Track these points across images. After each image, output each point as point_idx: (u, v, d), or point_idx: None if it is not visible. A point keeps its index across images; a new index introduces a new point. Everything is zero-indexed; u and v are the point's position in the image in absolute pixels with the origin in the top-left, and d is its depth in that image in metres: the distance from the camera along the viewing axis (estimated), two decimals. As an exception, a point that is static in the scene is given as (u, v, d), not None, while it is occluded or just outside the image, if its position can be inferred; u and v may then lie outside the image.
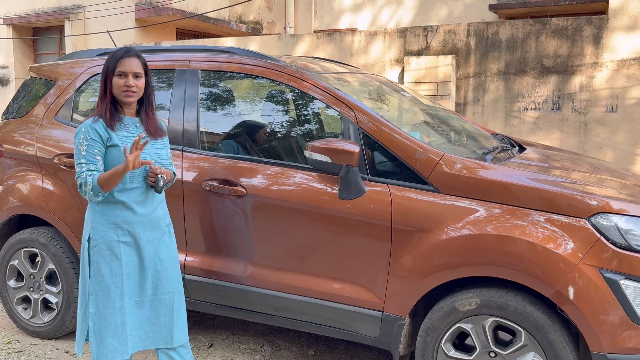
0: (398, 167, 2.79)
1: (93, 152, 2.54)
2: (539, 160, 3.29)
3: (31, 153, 3.66)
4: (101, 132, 2.55)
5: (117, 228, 2.60)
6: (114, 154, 2.57)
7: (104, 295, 2.61)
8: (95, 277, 2.61)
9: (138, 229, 2.64)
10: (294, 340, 3.69)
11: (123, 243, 2.61)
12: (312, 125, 3.29)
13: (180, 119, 3.27)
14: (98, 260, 2.60)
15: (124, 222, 2.61)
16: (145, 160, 2.52)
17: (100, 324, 2.62)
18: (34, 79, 4.02)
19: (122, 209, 2.61)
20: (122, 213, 2.61)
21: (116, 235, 2.60)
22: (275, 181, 2.98)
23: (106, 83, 2.59)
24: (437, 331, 2.69)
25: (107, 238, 2.60)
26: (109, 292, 2.61)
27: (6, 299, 3.80)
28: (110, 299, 2.61)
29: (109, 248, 2.60)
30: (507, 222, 2.56)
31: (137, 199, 2.63)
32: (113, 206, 2.60)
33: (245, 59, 3.27)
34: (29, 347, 3.61)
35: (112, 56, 2.60)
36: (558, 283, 2.41)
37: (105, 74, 2.59)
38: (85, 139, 2.54)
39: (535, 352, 2.51)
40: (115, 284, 2.61)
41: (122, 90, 2.57)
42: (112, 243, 2.60)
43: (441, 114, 3.90)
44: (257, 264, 3.05)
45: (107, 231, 2.60)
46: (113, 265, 2.60)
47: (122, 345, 2.63)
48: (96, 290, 2.62)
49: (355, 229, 2.80)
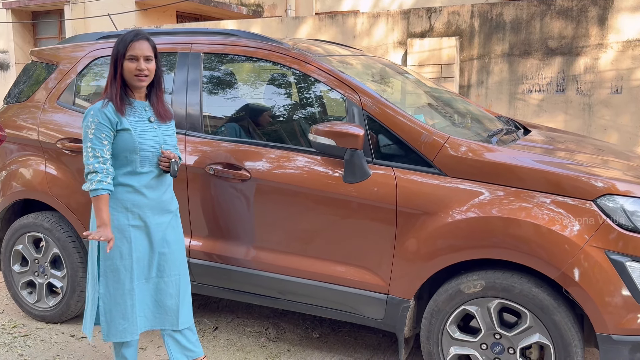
0: (403, 150, 2.78)
1: (100, 137, 2.53)
2: (543, 143, 3.27)
3: (33, 137, 3.65)
4: (110, 116, 2.54)
5: (127, 212, 2.62)
6: (124, 138, 2.57)
7: (113, 278, 2.64)
8: (105, 260, 2.64)
9: (147, 212, 2.65)
10: (298, 323, 3.70)
11: (133, 226, 2.63)
12: (316, 108, 3.27)
13: (183, 103, 3.25)
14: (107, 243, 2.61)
15: (134, 206, 2.62)
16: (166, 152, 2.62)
17: (110, 305, 2.66)
18: (35, 63, 3.99)
19: (132, 192, 2.62)
20: (132, 197, 2.62)
21: (126, 219, 2.62)
22: (279, 165, 2.97)
23: (116, 67, 2.56)
24: (442, 313, 2.70)
25: (117, 222, 2.61)
26: (119, 275, 2.64)
27: (11, 284, 3.81)
28: (120, 281, 2.64)
29: (119, 231, 2.61)
30: (513, 205, 2.55)
31: (147, 183, 2.64)
32: (123, 190, 2.61)
33: (248, 42, 3.23)
34: (34, 331, 3.62)
35: (121, 40, 2.57)
36: (564, 265, 2.41)
37: (115, 58, 2.56)
38: (93, 122, 2.53)
39: (541, 334, 2.51)
40: (124, 266, 2.63)
41: (134, 74, 2.56)
42: (122, 226, 2.62)
43: (445, 97, 3.87)
44: (262, 248, 3.05)
45: (117, 215, 2.61)
46: (123, 248, 2.62)
47: (132, 326, 2.68)
48: (106, 272, 2.65)
49: (360, 212, 2.79)
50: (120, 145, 2.56)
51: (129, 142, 2.56)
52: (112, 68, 2.58)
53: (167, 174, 2.70)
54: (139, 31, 2.64)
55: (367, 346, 3.42)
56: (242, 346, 3.41)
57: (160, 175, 2.68)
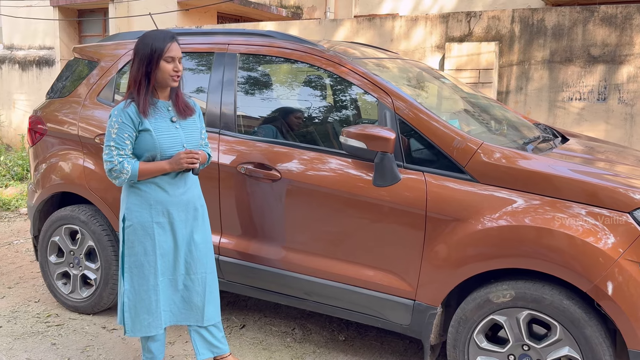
0: (434, 155, 2.75)
1: (123, 137, 2.57)
2: (581, 152, 3.19)
3: (73, 132, 3.74)
4: (133, 117, 2.57)
5: (151, 208, 2.66)
6: (145, 138, 2.60)
7: (138, 273, 2.68)
8: (129, 256, 2.68)
9: (171, 209, 2.68)
10: (325, 325, 3.70)
11: (157, 223, 2.67)
12: (349, 110, 3.26)
13: (218, 102, 3.29)
14: (132, 239, 2.67)
15: (157, 203, 2.66)
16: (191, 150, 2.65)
17: (134, 300, 2.70)
18: (77, 60, 4.10)
19: (155, 189, 2.66)
20: (155, 194, 2.66)
21: (150, 216, 2.66)
22: (310, 166, 2.98)
23: (149, 67, 2.57)
24: (470, 322, 2.66)
25: (141, 218, 2.65)
26: (143, 271, 2.68)
27: (47, 274, 3.92)
28: (144, 277, 2.68)
29: (143, 228, 2.66)
30: (547, 214, 2.49)
31: (169, 180, 2.68)
32: (147, 187, 2.65)
33: (283, 43, 3.25)
34: (67, 321, 3.72)
35: (157, 40, 2.58)
36: (597, 278, 2.34)
37: (149, 57, 2.56)
38: (117, 122, 2.57)
39: (570, 347, 2.45)
40: (148, 262, 2.67)
41: (171, 75, 2.60)
42: (146, 223, 2.66)
43: (482, 102, 3.82)
44: (290, 248, 3.07)
45: (141, 211, 2.65)
46: (146, 244, 2.66)
47: (156, 320, 2.72)
48: (131, 268, 2.69)
49: (389, 216, 2.77)
50: (142, 145, 2.61)
51: (149, 142, 2.60)
52: (144, 67, 2.58)
53: (189, 172, 2.72)
54: (172, 32, 2.69)
55: (393, 352, 3.40)
56: (267, 345, 3.43)
57: (183, 172, 2.71)
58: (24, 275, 4.55)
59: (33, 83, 10.53)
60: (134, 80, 2.61)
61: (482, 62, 5.81)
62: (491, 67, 5.78)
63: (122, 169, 2.56)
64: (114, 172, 2.58)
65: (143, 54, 2.58)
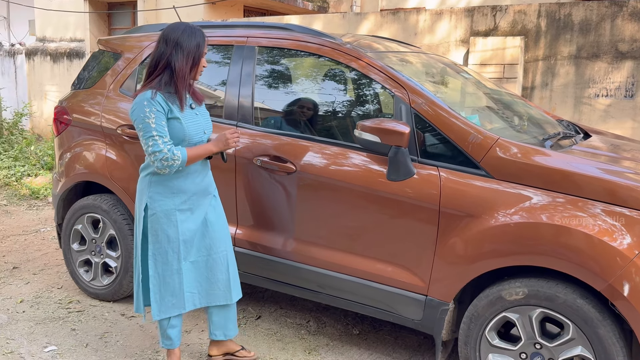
0: (449, 149, 2.73)
1: (162, 124, 2.60)
2: (603, 149, 3.13)
3: (97, 123, 3.81)
4: (163, 105, 2.62)
5: (174, 196, 2.72)
6: (174, 126, 2.65)
7: (162, 260, 2.77)
8: (153, 244, 2.75)
9: (193, 196, 2.76)
10: (339, 319, 3.71)
11: (179, 210, 2.74)
12: (365, 104, 3.25)
13: (236, 95, 3.32)
14: (156, 227, 2.73)
15: (180, 191, 2.73)
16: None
17: (159, 285, 2.80)
18: (102, 52, 4.17)
19: (178, 178, 2.72)
20: (180, 182, 2.72)
21: (173, 204, 2.72)
22: (325, 159, 2.98)
23: (195, 61, 2.65)
24: (482, 319, 2.64)
25: (165, 206, 2.72)
26: (167, 257, 2.76)
27: (69, 261, 4.01)
28: (168, 263, 2.77)
29: (166, 216, 2.72)
30: (562, 212, 2.45)
31: (194, 169, 2.75)
32: (171, 176, 2.71)
33: (301, 36, 3.26)
34: (88, 308, 3.80)
35: (201, 38, 2.66)
36: (611, 277, 2.30)
37: (195, 54, 2.63)
38: (151, 112, 2.58)
39: (583, 347, 2.42)
40: (172, 249, 2.75)
41: (202, 69, 2.72)
42: (170, 211, 2.72)
43: (503, 98, 3.77)
44: (302, 241, 3.08)
45: (164, 200, 2.71)
46: (170, 231, 2.73)
47: (180, 301, 2.83)
48: (155, 255, 2.77)
49: (402, 210, 2.77)
50: (171, 133, 2.65)
51: (179, 130, 2.65)
52: (191, 61, 2.63)
53: (209, 159, 2.83)
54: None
55: (406, 347, 3.39)
56: (282, 336, 3.45)
57: (205, 160, 2.81)
58: (49, 262, 4.67)
59: (64, 75, 10.74)
60: (178, 72, 2.61)
61: (507, 57, 5.73)
62: (516, 62, 5.70)
63: (172, 156, 2.59)
64: (166, 160, 2.58)
65: (189, 49, 2.63)
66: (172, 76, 2.61)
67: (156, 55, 2.65)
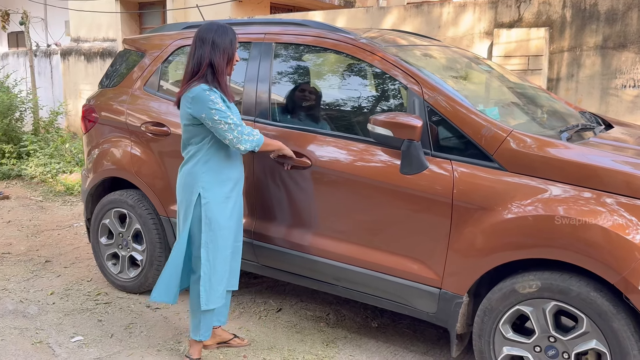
0: (463, 142, 2.73)
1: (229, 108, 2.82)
2: (623, 140, 3.08)
3: (122, 120, 3.92)
4: (220, 95, 2.80)
5: (223, 185, 2.88)
6: None
7: (214, 247, 2.88)
8: (206, 232, 2.87)
9: (236, 184, 2.94)
10: (359, 312, 3.75)
11: (228, 198, 2.89)
12: (380, 98, 3.27)
13: (254, 91, 3.37)
14: (209, 216, 2.85)
15: (228, 179, 2.90)
16: None
17: (210, 273, 2.90)
18: (127, 51, 4.28)
19: (229, 167, 2.89)
20: (228, 171, 2.89)
21: (223, 192, 2.87)
22: (339, 153, 3.01)
23: (230, 57, 2.81)
24: (496, 312, 2.64)
25: (217, 195, 2.86)
26: (217, 244, 2.88)
27: (98, 255, 4.14)
28: (219, 250, 2.89)
29: (218, 203, 2.86)
30: (576, 204, 2.44)
31: (239, 158, 2.96)
32: (221, 165, 2.86)
33: (316, 32, 3.30)
34: (115, 300, 3.93)
35: (232, 34, 2.82)
36: (625, 270, 2.28)
37: (230, 50, 2.81)
38: (217, 98, 2.74)
39: (598, 340, 2.40)
40: (222, 236, 2.89)
41: (234, 64, 2.88)
42: (221, 199, 2.87)
43: (524, 90, 3.74)
44: (318, 234, 3.12)
45: (216, 188, 2.86)
46: (221, 219, 2.87)
47: (224, 290, 2.97)
48: (207, 243, 2.87)
49: (415, 204, 2.78)
50: None
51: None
52: (227, 57, 2.80)
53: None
54: None
55: (425, 340, 3.41)
56: (301, 329, 3.51)
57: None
58: (80, 256, 4.82)
59: (97, 74, 10.99)
60: (218, 68, 2.78)
61: (532, 49, 5.65)
62: (541, 53, 5.61)
63: (252, 130, 2.82)
64: (248, 135, 2.79)
65: (224, 46, 2.80)
66: (214, 73, 2.78)
67: (197, 55, 2.79)
